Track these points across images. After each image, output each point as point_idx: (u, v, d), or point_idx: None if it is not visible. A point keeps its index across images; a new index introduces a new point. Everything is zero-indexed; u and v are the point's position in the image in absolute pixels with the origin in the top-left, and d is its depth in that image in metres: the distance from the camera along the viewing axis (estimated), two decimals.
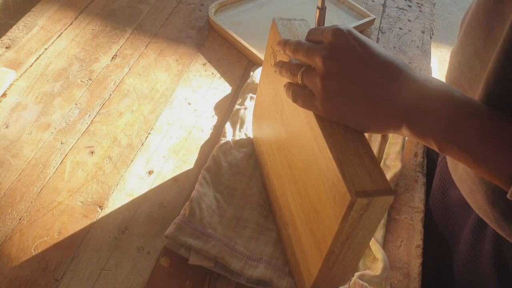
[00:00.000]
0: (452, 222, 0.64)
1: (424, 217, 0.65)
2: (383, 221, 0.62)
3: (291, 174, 0.54)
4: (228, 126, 0.71)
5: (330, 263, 0.47)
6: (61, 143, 0.69)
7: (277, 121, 0.58)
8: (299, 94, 0.48)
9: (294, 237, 0.54)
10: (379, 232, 0.61)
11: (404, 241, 0.62)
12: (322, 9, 0.55)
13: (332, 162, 0.43)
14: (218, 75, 0.83)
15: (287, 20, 0.58)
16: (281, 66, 0.52)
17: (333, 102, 0.45)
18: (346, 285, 0.54)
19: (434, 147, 0.43)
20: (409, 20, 1.00)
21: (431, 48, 0.95)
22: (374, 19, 0.95)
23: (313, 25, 0.55)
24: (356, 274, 0.56)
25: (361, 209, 0.41)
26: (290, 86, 0.50)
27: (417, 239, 0.62)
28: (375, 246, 0.59)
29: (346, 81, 0.44)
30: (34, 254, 0.56)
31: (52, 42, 0.84)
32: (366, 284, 0.54)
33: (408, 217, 0.65)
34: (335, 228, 0.43)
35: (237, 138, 0.70)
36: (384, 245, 0.61)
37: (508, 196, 0.40)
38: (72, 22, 0.89)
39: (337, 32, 0.45)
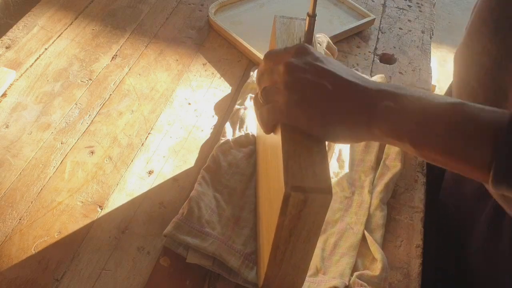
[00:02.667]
0: (464, 214, 0.63)
1: (424, 217, 0.65)
2: (382, 221, 0.62)
3: (265, 168, 0.54)
4: (228, 126, 0.72)
5: (278, 259, 0.47)
6: (61, 143, 0.69)
7: None
8: (263, 112, 0.48)
9: (261, 232, 0.54)
10: (378, 233, 0.61)
11: (404, 241, 0.62)
12: (313, 17, 0.54)
13: (281, 155, 0.43)
14: (218, 75, 0.83)
15: (288, 19, 0.58)
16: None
17: (297, 110, 0.45)
18: (345, 282, 0.55)
19: (408, 148, 0.44)
20: (409, 20, 1.00)
21: (431, 48, 0.95)
22: (374, 19, 0.95)
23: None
24: (355, 273, 0.56)
25: (298, 204, 0.41)
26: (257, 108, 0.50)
27: (417, 239, 0.62)
28: (374, 246, 0.59)
29: (309, 89, 0.45)
30: (34, 254, 0.56)
31: (52, 42, 0.84)
32: (365, 284, 0.54)
33: (408, 217, 0.65)
34: (276, 222, 0.43)
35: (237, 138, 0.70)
36: (384, 245, 0.61)
37: (490, 184, 0.40)
38: (72, 22, 0.89)
39: (299, 48, 0.47)
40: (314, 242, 0.46)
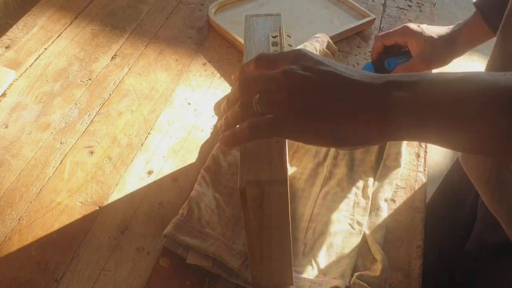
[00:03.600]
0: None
1: (425, 217, 0.65)
2: (382, 222, 0.62)
3: None
4: None
5: (257, 258, 0.48)
6: (61, 143, 0.69)
7: None
8: (261, 124, 0.42)
9: None
10: (379, 233, 0.61)
11: (405, 241, 0.62)
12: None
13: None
14: (218, 75, 0.83)
15: (258, 17, 0.57)
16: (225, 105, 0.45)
17: (304, 120, 0.41)
18: (346, 283, 0.54)
19: (434, 134, 0.39)
20: (409, 20, 1.00)
21: None
22: (374, 19, 0.95)
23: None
24: (356, 274, 0.55)
25: (256, 198, 0.41)
26: (247, 124, 0.42)
27: (418, 240, 0.62)
28: (374, 246, 0.59)
29: (316, 94, 0.41)
30: (33, 254, 0.56)
31: (52, 42, 0.84)
32: (366, 285, 0.54)
33: (408, 217, 0.65)
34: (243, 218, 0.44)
35: None
36: (384, 245, 0.61)
37: None
38: (72, 22, 0.89)
39: (299, 54, 0.43)
40: (287, 234, 0.46)
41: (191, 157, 0.69)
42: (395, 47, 0.75)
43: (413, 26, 0.73)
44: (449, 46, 0.73)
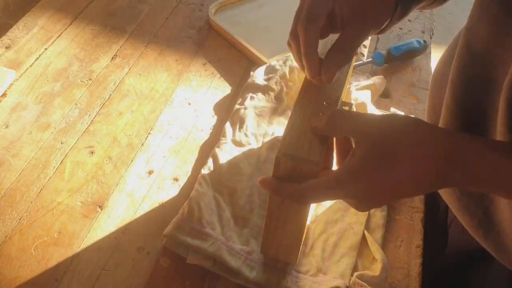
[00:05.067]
0: None
1: (424, 217, 0.65)
2: (382, 222, 0.62)
3: None
4: (228, 126, 0.71)
5: (272, 226, 0.51)
6: (61, 143, 0.69)
7: None
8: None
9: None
10: (378, 233, 0.61)
11: (404, 241, 0.62)
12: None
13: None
14: (218, 75, 0.83)
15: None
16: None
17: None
18: (346, 283, 0.55)
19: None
20: (409, 20, 1.00)
21: (431, 48, 0.95)
22: None
23: None
24: (356, 274, 0.56)
25: (288, 170, 0.44)
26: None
27: (417, 239, 0.62)
28: (374, 246, 0.59)
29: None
30: (34, 254, 0.56)
31: (52, 42, 0.84)
32: (366, 284, 0.54)
33: (408, 217, 0.65)
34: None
35: (237, 138, 0.70)
36: (384, 245, 0.61)
37: None
38: (72, 22, 0.89)
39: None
40: (305, 212, 0.49)
41: (191, 157, 0.69)
42: None
43: None
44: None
